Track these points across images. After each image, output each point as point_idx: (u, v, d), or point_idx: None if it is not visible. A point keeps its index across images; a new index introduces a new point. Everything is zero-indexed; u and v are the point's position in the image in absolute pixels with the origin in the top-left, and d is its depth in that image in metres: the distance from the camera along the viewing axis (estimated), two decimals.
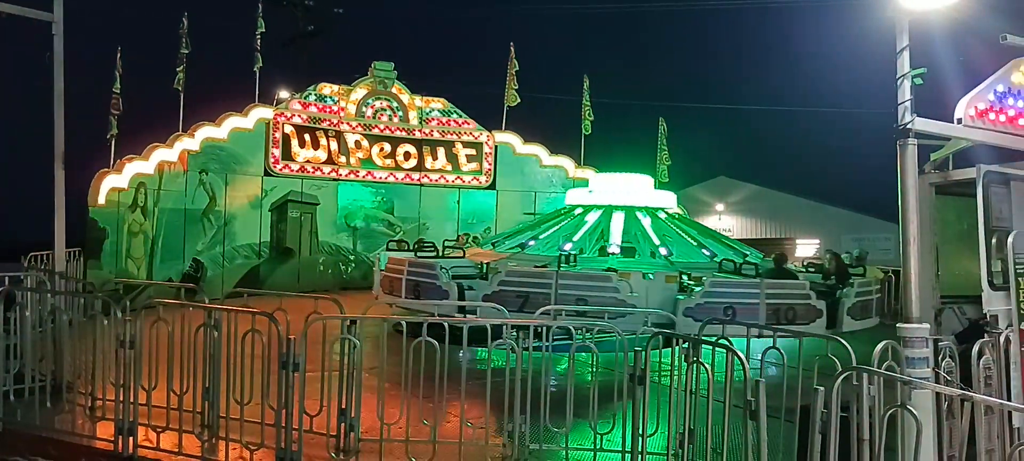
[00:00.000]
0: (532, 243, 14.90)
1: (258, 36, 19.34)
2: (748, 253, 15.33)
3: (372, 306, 10.28)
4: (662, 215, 15.96)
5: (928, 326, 5.50)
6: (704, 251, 14.80)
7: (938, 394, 5.32)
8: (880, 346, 5.27)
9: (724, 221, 42.79)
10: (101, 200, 15.58)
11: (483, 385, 6.09)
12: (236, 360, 6.26)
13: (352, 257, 21.17)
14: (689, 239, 15.48)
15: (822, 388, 4.37)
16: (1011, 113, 6.52)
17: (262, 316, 5.98)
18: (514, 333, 6.20)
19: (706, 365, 5.21)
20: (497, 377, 6.03)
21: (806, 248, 36.39)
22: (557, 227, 15.66)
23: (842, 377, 4.45)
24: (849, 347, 5.33)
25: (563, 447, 6.05)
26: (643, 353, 5.56)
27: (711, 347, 5.58)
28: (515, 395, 5.93)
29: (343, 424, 6.39)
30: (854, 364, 5.15)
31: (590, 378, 6.25)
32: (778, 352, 5.82)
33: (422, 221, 21.92)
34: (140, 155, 16.54)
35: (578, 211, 16.08)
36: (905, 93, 5.77)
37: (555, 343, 6.34)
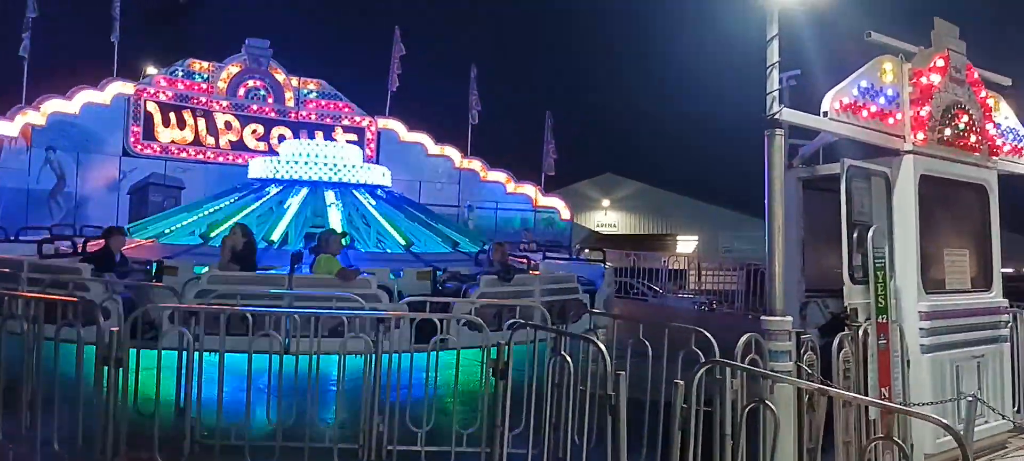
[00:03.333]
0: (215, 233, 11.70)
1: (117, 4, 17.84)
2: (459, 241, 13.47)
3: None
4: (381, 194, 13.75)
5: (792, 319, 5.43)
6: (443, 240, 12.87)
7: (799, 390, 5.25)
8: (743, 339, 5.15)
9: (609, 216, 43.61)
10: None
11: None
12: None
13: None
14: (421, 225, 13.38)
15: (681, 382, 4.15)
16: (874, 109, 6.59)
17: None
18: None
19: (568, 357, 4.93)
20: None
21: (686, 244, 37.59)
22: (246, 209, 12.70)
23: (704, 370, 4.24)
24: (713, 340, 5.19)
25: (420, 448, 5.64)
26: (506, 346, 5.22)
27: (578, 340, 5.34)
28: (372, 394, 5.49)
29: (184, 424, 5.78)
30: (717, 357, 5.01)
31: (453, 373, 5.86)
32: (645, 343, 5.62)
33: None
34: None
35: (273, 189, 13.22)
36: (773, 83, 5.70)
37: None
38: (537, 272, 11.63)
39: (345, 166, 13.40)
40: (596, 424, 4.99)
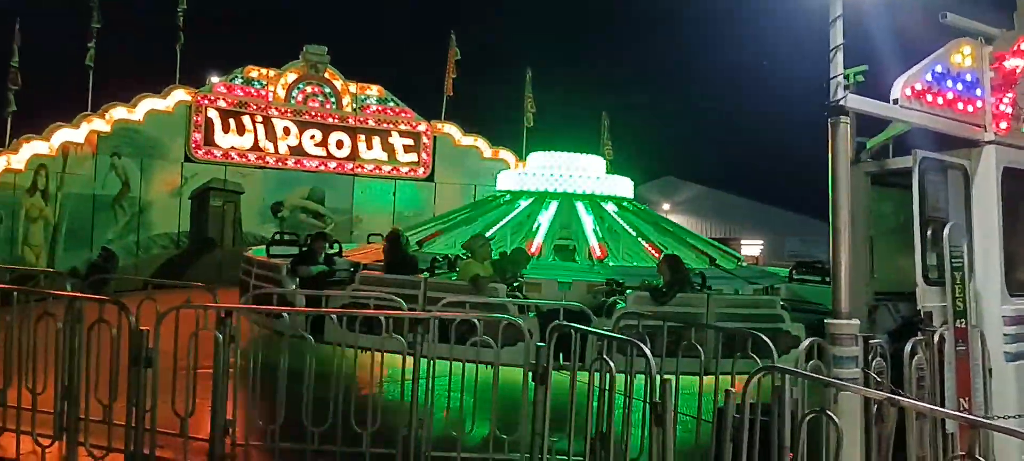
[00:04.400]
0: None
1: (180, 13, 18.23)
2: (715, 256, 13.30)
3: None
4: (611, 206, 13.59)
5: (858, 322, 5.00)
6: (654, 253, 12.49)
7: (867, 397, 4.81)
8: (805, 343, 4.75)
9: (671, 221, 42.80)
10: None
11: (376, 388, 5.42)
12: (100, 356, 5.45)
13: None
14: (672, 237, 13.12)
15: (732, 390, 3.79)
16: (949, 96, 6.08)
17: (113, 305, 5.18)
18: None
19: (611, 362, 4.61)
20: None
21: (751, 248, 36.59)
22: (502, 221, 13.29)
23: (757, 376, 3.87)
24: (771, 344, 4.80)
25: (456, 455, 5.40)
26: (547, 349, 4.93)
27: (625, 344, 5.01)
28: (413, 398, 5.28)
29: (215, 428, 5.69)
30: (775, 362, 4.63)
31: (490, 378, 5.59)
32: (697, 347, 5.26)
33: (355, 213, 21.04)
34: (40, 135, 15.32)
35: (522, 202, 13.60)
36: (838, 66, 5.28)
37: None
38: None
39: (592, 177, 13.46)
40: (644, 433, 4.66)
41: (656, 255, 12.18)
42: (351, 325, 6.57)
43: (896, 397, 4.05)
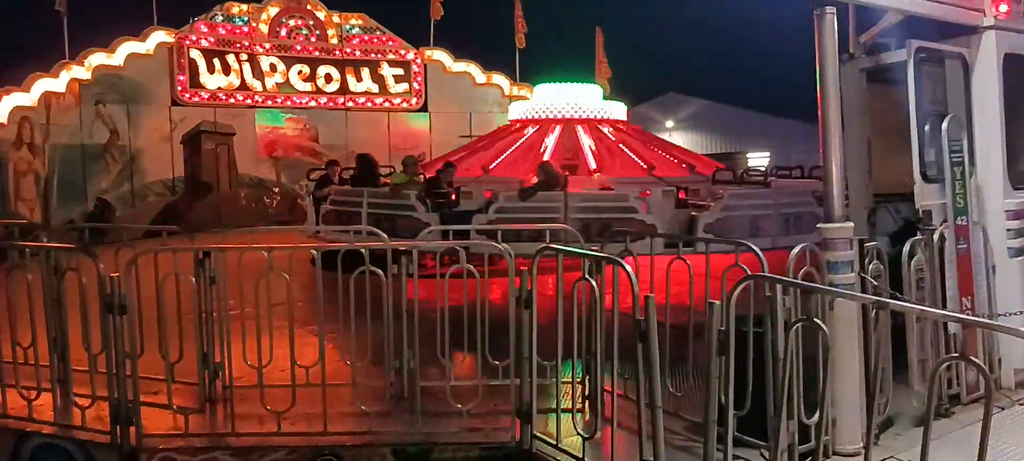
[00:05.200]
0: (493, 165, 14.31)
1: None
2: (693, 165, 15.22)
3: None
4: (622, 127, 15.66)
5: (851, 225, 4.79)
6: (682, 163, 14.82)
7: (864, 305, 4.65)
8: (796, 250, 4.57)
9: (674, 138, 42.28)
10: None
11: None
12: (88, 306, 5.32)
13: (276, 189, 19.95)
14: (661, 152, 15.29)
15: (716, 302, 3.63)
16: None
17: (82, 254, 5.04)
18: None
19: (593, 281, 4.45)
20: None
21: (758, 161, 36.19)
22: (512, 148, 15.17)
23: (740, 286, 3.70)
24: (760, 253, 4.62)
25: (445, 382, 5.31)
26: (529, 273, 4.77)
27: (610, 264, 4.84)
28: (407, 325, 5.17)
29: (206, 371, 5.61)
30: (766, 271, 4.45)
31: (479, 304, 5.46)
32: (685, 263, 5.09)
33: (351, 148, 20.71)
34: (19, 86, 14.99)
35: (530, 129, 15.54)
36: None
37: None
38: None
39: (591, 105, 15.54)
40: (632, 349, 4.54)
41: (644, 167, 13.61)
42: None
43: (890, 301, 3.87)
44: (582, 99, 15.51)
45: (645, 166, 13.69)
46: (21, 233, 7.93)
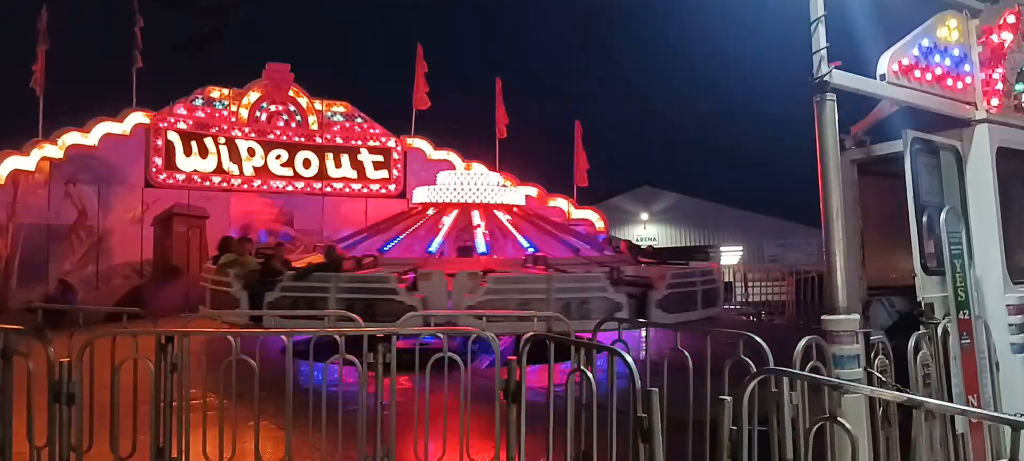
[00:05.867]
0: (388, 247, 14.39)
1: (137, 32, 17.58)
2: (579, 248, 15.47)
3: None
4: (502, 212, 15.93)
5: (858, 317, 4.57)
6: (567, 246, 15.10)
7: (873, 399, 4.37)
8: (802, 343, 4.31)
9: (649, 230, 42.48)
10: None
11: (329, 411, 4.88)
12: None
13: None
14: (550, 235, 15.65)
15: (729, 398, 3.32)
16: (938, 71, 5.71)
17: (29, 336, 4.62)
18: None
19: (590, 374, 4.13)
20: (349, 403, 4.87)
21: (730, 255, 36.36)
22: (412, 228, 15.41)
23: (756, 381, 3.41)
24: (764, 346, 4.35)
25: None
26: (518, 363, 4.45)
27: (605, 352, 4.55)
28: (365, 422, 4.76)
29: None
30: (771, 365, 4.18)
31: (462, 396, 5.09)
32: (684, 354, 4.79)
33: (327, 233, 20.38)
34: None
35: (430, 212, 15.77)
36: (820, 40, 4.89)
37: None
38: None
39: (487, 188, 15.92)
40: (630, 450, 4.19)
41: (528, 250, 14.35)
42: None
43: (917, 398, 3.60)
44: (480, 184, 16.01)
45: (529, 248, 14.34)
46: None
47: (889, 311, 6.56)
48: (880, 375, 4.61)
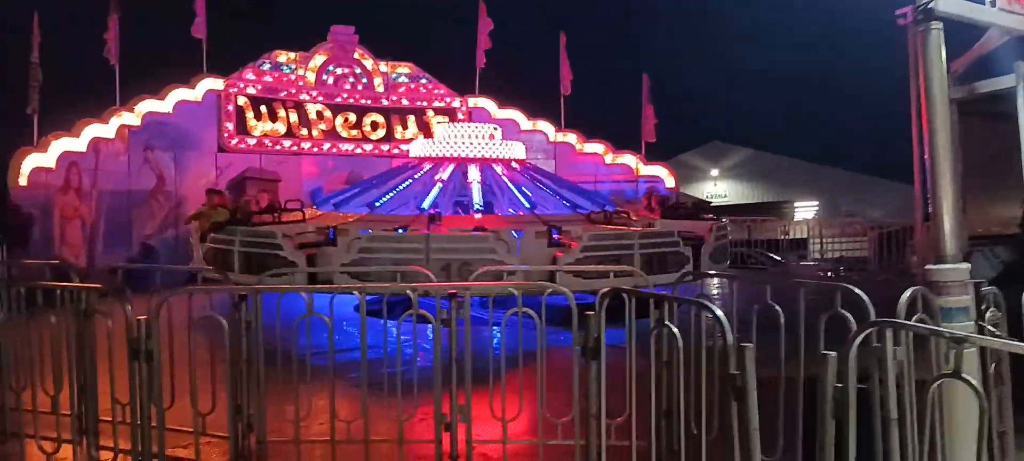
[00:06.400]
0: (380, 203, 13.92)
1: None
2: (584, 203, 14.81)
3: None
4: (516, 165, 15.44)
5: (967, 266, 4.20)
6: (564, 202, 14.54)
7: (984, 354, 4.02)
8: (907, 294, 3.98)
9: (719, 186, 41.54)
10: (23, 181, 14.17)
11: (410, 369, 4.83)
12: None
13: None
14: (548, 190, 15.16)
15: (833, 353, 3.05)
16: None
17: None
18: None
19: (675, 329, 3.91)
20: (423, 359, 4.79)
21: (804, 211, 35.26)
22: (405, 184, 14.78)
23: (861, 336, 3.13)
24: (865, 297, 4.04)
25: (503, 442, 4.78)
26: (597, 318, 4.25)
27: (689, 306, 4.32)
28: (450, 377, 4.66)
29: (239, 424, 5.16)
30: (874, 318, 3.86)
31: (537, 351, 4.94)
32: (775, 309, 4.50)
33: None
34: (69, 131, 15.10)
35: (427, 166, 15.17)
36: None
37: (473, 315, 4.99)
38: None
39: (485, 143, 15.20)
40: (718, 411, 3.97)
41: (528, 205, 13.84)
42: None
43: None
44: (477, 138, 15.34)
45: (529, 204, 13.90)
46: (55, 276, 7.66)
47: (992, 261, 6.15)
48: (993, 328, 4.25)
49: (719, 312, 3.49)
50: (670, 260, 11.00)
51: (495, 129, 16.00)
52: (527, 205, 13.85)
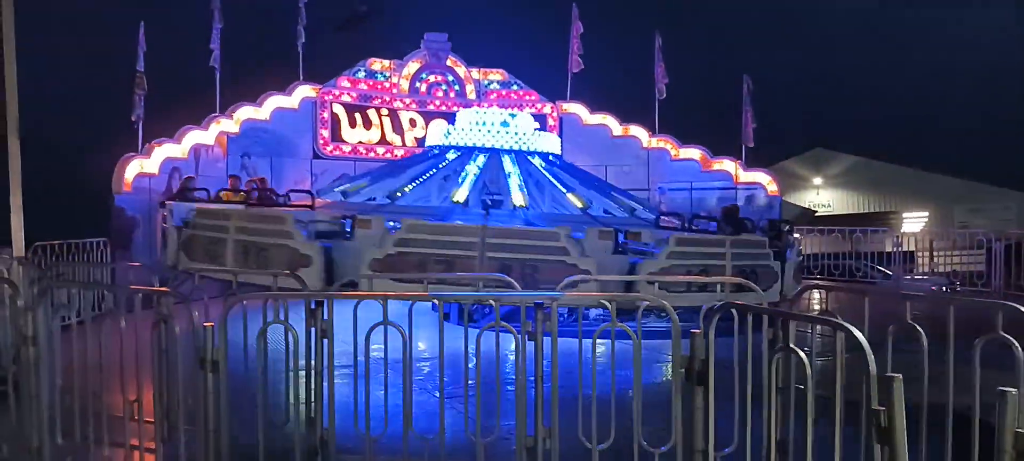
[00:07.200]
0: (401, 193, 12.46)
1: (302, 8, 18.10)
2: (636, 207, 13.41)
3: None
4: (537, 161, 13.74)
5: None
6: (616, 205, 13.12)
7: None
8: None
9: (822, 195, 39.63)
10: (127, 187, 14.65)
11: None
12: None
13: None
14: (597, 190, 13.65)
15: (1013, 390, 2.44)
16: None
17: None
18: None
19: (801, 352, 3.33)
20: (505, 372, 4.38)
21: (914, 222, 33.17)
22: (428, 173, 13.16)
23: None
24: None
25: None
26: (704, 337, 3.73)
27: (809, 324, 3.73)
28: (538, 398, 4.24)
29: (313, 437, 4.89)
30: None
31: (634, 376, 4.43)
32: (918, 329, 3.85)
33: None
34: (171, 138, 15.56)
35: (451, 155, 13.56)
36: None
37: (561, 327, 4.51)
38: None
39: (520, 133, 13.52)
40: (842, 445, 3.37)
41: (580, 205, 12.20)
42: None
43: None
44: (510, 126, 13.65)
45: (581, 204, 12.36)
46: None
47: None
48: None
49: (859, 334, 2.91)
50: (762, 275, 9.82)
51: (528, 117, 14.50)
52: (580, 205, 12.47)
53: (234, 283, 6.86)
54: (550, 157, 14.23)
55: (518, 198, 12.16)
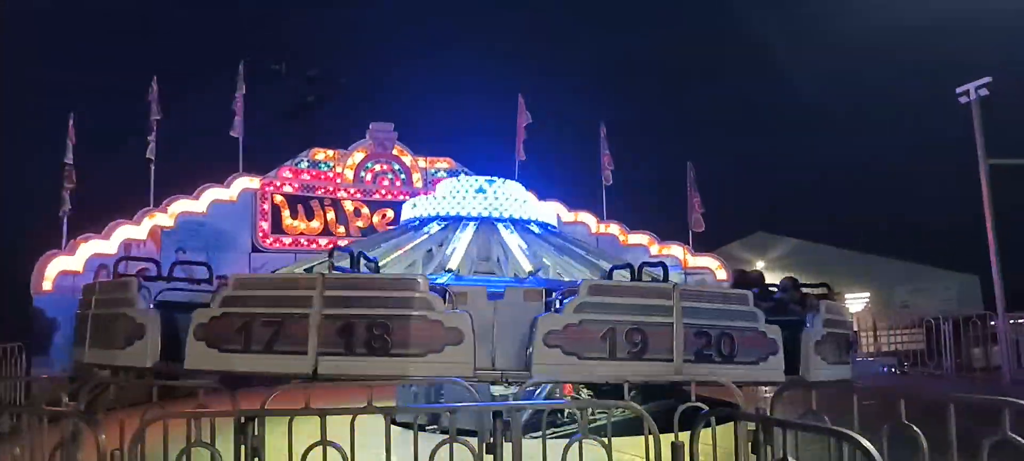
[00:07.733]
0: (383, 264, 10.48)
1: (239, 98, 17.73)
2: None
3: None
4: (535, 229, 12.29)
5: None
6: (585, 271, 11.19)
7: None
8: None
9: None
10: (47, 286, 13.76)
11: None
12: None
13: None
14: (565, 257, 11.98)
15: None
16: None
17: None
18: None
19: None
20: None
21: (855, 303, 33.67)
22: (410, 245, 11.49)
23: None
24: None
25: None
26: (691, 440, 3.31)
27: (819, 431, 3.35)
28: None
29: None
30: None
31: None
32: (914, 429, 3.51)
33: None
34: (99, 234, 14.78)
35: (435, 226, 11.90)
36: None
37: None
38: None
39: (516, 200, 12.16)
40: None
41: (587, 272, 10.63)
42: None
43: None
44: (501, 194, 12.11)
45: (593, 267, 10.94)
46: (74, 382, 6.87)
47: None
48: None
49: (866, 443, 2.55)
50: (742, 344, 7.41)
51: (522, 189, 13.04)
52: (593, 264, 11.18)
53: (154, 393, 6.17)
54: (549, 227, 12.99)
55: (525, 266, 10.53)
